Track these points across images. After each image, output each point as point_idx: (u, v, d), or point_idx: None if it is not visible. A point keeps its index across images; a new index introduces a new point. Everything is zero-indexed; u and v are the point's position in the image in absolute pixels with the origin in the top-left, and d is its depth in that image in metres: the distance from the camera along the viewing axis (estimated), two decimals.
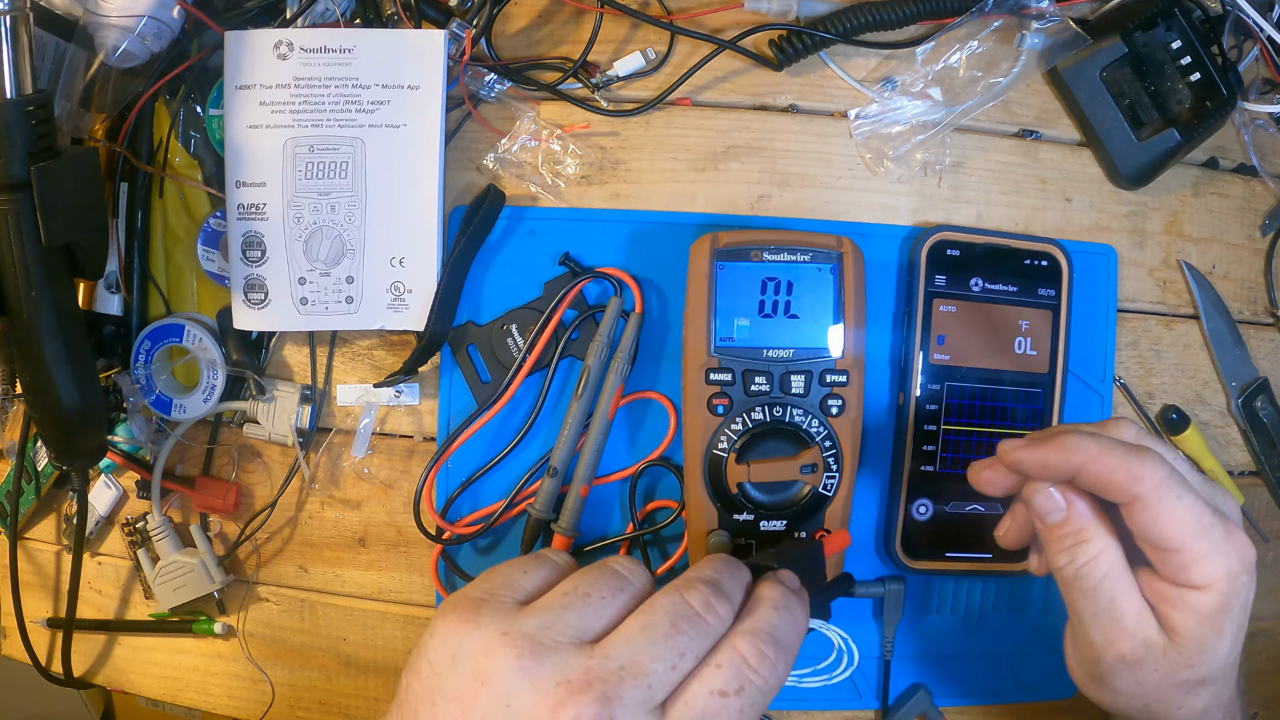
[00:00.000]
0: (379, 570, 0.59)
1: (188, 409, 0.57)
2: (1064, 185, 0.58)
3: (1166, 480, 0.38)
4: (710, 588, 0.36)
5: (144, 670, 0.63)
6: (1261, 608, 0.61)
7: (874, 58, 0.57)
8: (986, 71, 0.56)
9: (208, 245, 0.57)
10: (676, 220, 0.56)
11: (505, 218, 0.56)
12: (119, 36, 0.50)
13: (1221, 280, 0.60)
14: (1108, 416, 0.58)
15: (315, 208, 0.54)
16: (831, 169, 0.57)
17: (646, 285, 0.55)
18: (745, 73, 0.56)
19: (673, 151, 0.56)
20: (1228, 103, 0.55)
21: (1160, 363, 0.60)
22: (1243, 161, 0.60)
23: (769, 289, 0.51)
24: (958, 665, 0.58)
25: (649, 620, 0.35)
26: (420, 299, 0.55)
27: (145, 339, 0.56)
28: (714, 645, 0.35)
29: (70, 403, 0.50)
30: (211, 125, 0.55)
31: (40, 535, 0.64)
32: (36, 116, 0.46)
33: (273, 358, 0.59)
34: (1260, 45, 0.57)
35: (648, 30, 0.56)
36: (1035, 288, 0.55)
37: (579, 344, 0.55)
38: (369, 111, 0.53)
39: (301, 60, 0.53)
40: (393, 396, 0.57)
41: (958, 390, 0.55)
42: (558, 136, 0.56)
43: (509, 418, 0.56)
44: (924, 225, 0.56)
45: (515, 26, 0.57)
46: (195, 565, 0.59)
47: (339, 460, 0.59)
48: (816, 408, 0.51)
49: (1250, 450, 0.60)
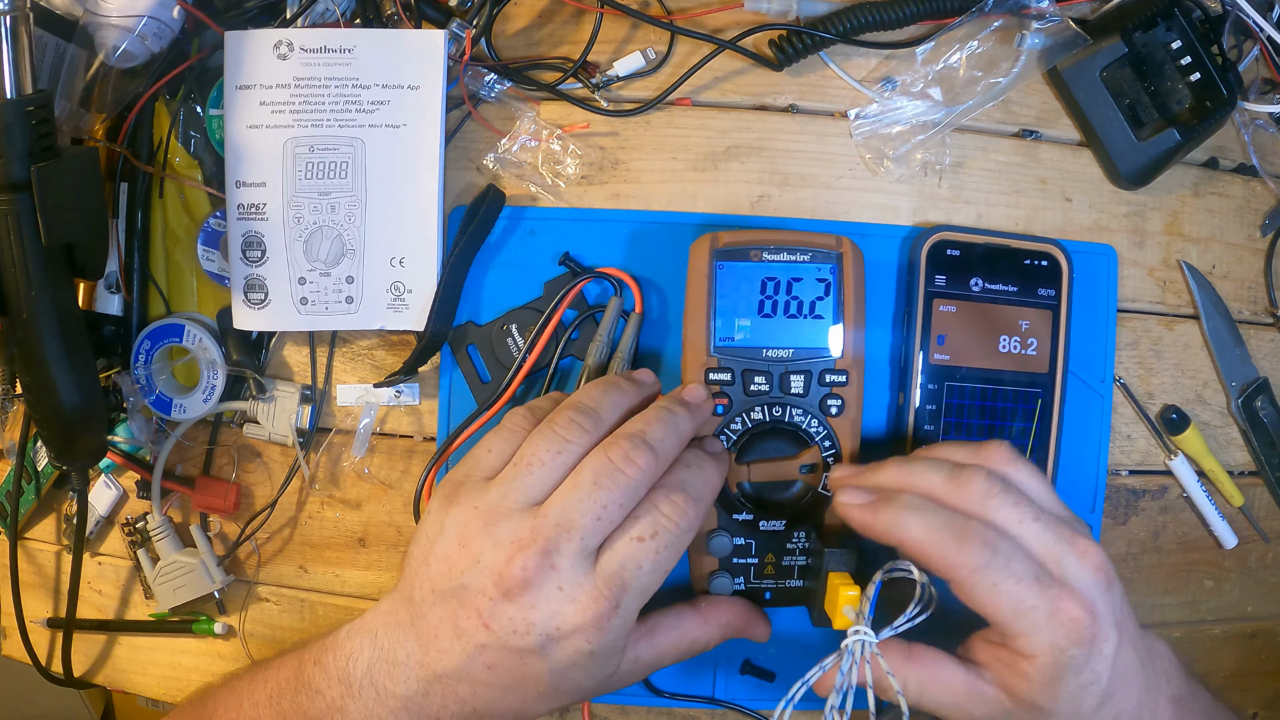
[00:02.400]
0: (379, 570, 0.59)
1: (188, 409, 0.57)
2: (1064, 185, 0.58)
3: (984, 567, 0.40)
4: (630, 442, 0.42)
5: (144, 670, 0.63)
6: (1261, 607, 0.61)
7: (874, 58, 0.57)
8: (986, 71, 0.56)
9: (208, 245, 0.57)
10: (676, 220, 0.56)
11: (505, 218, 0.56)
12: (119, 36, 0.50)
13: (1221, 280, 0.60)
14: (1108, 417, 0.58)
15: (315, 208, 0.54)
16: (831, 169, 0.57)
17: (646, 285, 0.55)
18: (745, 73, 0.56)
19: (673, 151, 0.56)
20: (1228, 103, 0.55)
21: (1160, 363, 0.60)
22: (1243, 161, 0.60)
23: (769, 289, 0.51)
24: None
25: (577, 480, 0.42)
26: (420, 299, 0.55)
27: (145, 339, 0.56)
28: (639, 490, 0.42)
29: (70, 403, 0.50)
30: (211, 125, 0.55)
31: (40, 535, 0.64)
32: (36, 116, 0.46)
33: (273, 358, 0.59)
34: (1260, 45, 0.57)
35: (648, 30, 0.56)
36: (1035, 288, 0.55)
37: (579, 344, 0.55)
38: (369, 111, 0.53)
39: (301, 60, 0.53)
40: (393, 396, 0.57)
41: (958, 390, 0.55)
42: (558, 136, 0.56)
43: None
44: (924, 225, 0.56)
45: (515, 26, 0.57)
46: (195, 565, 0.59)
47: (339, 460, 0.59)
48: (816, 408, 0.51)
49: (1250, 450, 0.60)
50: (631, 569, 0.41)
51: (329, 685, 0.44)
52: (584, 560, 0.41)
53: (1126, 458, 0.60)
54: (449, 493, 0.43)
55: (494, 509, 0.42)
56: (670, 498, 0.43)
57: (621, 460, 0.42)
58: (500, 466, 0.44)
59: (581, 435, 0.43)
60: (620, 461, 0.42)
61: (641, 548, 0.41)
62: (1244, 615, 0.61)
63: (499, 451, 0.44)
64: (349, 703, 0.43)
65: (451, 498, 0.43)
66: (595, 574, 0.41)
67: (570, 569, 0.40)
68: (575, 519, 0.40)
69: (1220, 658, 0.62)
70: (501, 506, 0.42)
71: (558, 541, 0.40)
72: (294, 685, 0.45)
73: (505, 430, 0.45)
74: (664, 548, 0.42)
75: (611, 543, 0.41)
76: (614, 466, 0.42)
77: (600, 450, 0.43)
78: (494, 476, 0.43)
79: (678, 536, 0.42)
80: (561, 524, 0.40)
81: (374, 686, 0.42)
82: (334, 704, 0.43)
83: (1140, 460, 0.60)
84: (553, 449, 0.43)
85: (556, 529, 0.40)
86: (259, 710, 0.46)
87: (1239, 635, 0.61)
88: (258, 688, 0.47)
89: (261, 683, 0.47)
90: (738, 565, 0.52)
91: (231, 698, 0.48)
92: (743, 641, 0.57)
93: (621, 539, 0.41)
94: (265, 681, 0.46)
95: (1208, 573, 0.61)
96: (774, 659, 0.57)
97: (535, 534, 0.40)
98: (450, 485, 0.44)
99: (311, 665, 0.45)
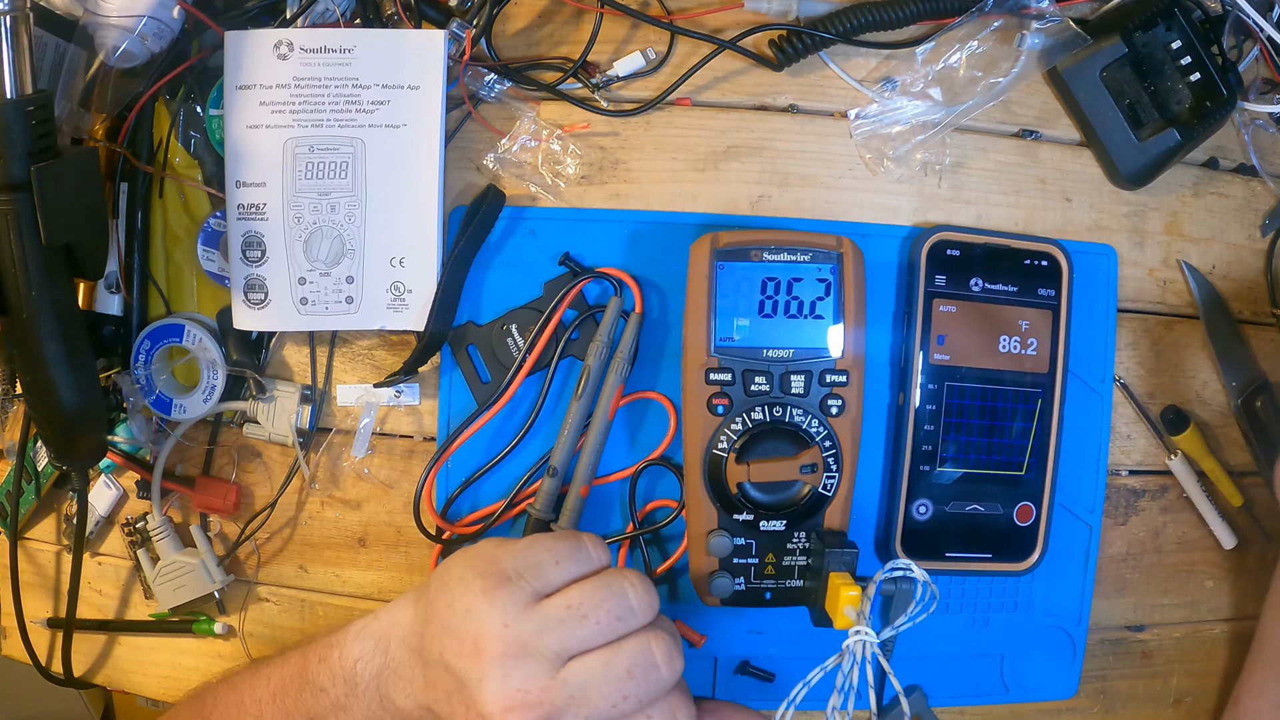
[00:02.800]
0: (379, 570, 0.59)
1: (188, 409, 0.57)
2: (1064, 185, 0.58)
3: None
4: (675, 641, 0.41)
5: (144, 670, 0.63)
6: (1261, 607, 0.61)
7: (874, 58, 0.57)
8: (986, 71, 0.56)
9: (208, 245, 0.56)
10: (676, 220, 0.56)
11: (505, 218, 0.56)
12: (119, 36, 0.50)
13: (1221, 280, 0.60)
14: (1108, 417, 0.58)
15: (315, 208, 0.54)
16: (831, 169, 0.57)
17: (646, 285, 0.55)
18: (745, 73, 0.56)
19: (673, 151, 0.56)
20: (1228, 103, 0.55)
21: (1160, 363, 0.60)
22: (1243, 161, 0.60)
23: (769, 289, 0.51)
24: (957, 665, 0.58)
25: (612, 660, 0.39)
26: (420, 299, 0.55)
27: (145, 339, 0.56)
28: (661, 694, 0.40)
29: (70, 403, 0.50)
30: (211, 125, 0.55)
31: (40, 535, 0.64)
32: (36, 116, 0.46)
33: (273, 358, 0.59)
34: (1260, 45, 0.57)
35: (648, 30, 0.56)
36: (1035, 288, 0.55)
37: (579, 344, 0.55)
38: (369, 111, 0.53)
39: (301, 60, 0.53)
40: (393, 396, 0.57)
41: (957, 390, 0.55)
42: (558, 136, 0.56)
43: (509, 418, 0.56)
44: (924, 225, 0.56)
45: (515, 26, 0.57)
46: (195, 565, 0.59)
47: (339, 460, 0.59)
48: (816, 408, 0.51)
49: (1250, 450, 0.60)
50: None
51: (333, 684, 0.44)
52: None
53: (1126, 458, 0.60)
54: (494, 582, 0.40)
55: (522, 644, 0.39)
56: (689, 708, 0.41)
57: (664, 659, 0.40)
58: (556, 587, 0.41)
59: (646, 613, 0.41)
60: (662, 659, 0.40)
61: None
62: (1244, 615, 0.61)
63: (564, 571, 0.41)
64: (352, 702, 0.43)
65: (491, 593, 0.40)
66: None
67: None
68: (593, 699, 0.38)
69: (1220, 658, 0.62)
70: (531, 645, 0.39)
71: (562, 714, 0.38)
72: (298, 683, 0.45)
73: (583, 550, 0.42)
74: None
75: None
76: (653, 663, 0.39)
77: (646, 638, 0.40)
78: (543, 598, 0.40)
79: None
80: (576, 698, 0.38)
81: (379, 692, 0.43)
82: (338, 702, 0.44)
83: (1140, 460, 0.60)
84: (613, 613, 0.40)
85: (569, 701, 0.38)
86: (261, 707, 0.46)
87: (1239, 635, 0.61)
88: (259, 684, 0.47)
89: (264, 679, 0.47)
90: (738, 565, 0.52)
91: (232, 694, 0.48)
92: (742, 642, 0.57)
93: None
94: (268, 678, 0.47)
95: (1208, 573, 0.61)
96: (774, 659, 0.57)
97: (544, 696, 0.38)
98: (498, 573, 0.40)
99: (316, 663, 0.45)
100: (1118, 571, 0.60)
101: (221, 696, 0.48)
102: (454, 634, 0.40)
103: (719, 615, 0.56)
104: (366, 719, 0.43)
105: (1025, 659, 0.59)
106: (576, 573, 0.41)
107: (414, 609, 0.44)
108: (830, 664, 0.43)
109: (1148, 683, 0.61)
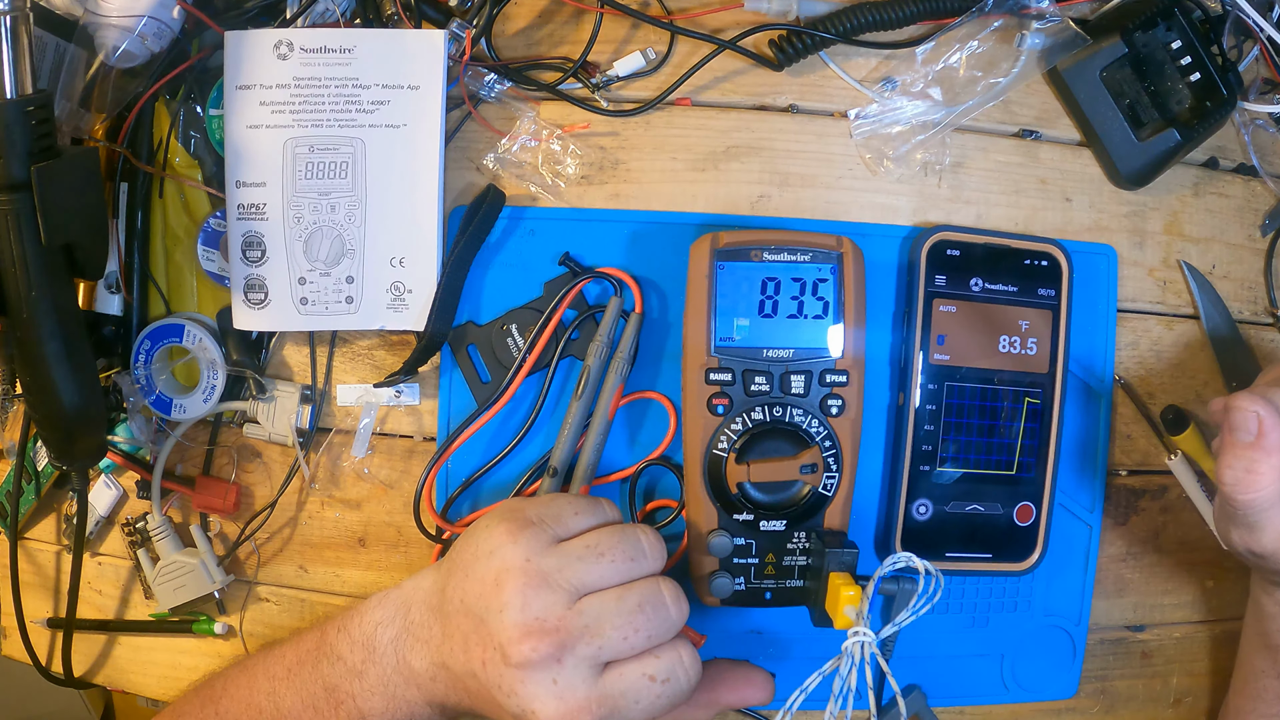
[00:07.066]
0: (379, 570, 0.59)
1: (188, 409, 0.57)
2: (1064, 185, 0.58)
3: None
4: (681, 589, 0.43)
5: (144, 670, 0.63)
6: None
7: (874, 58, 0.57)
8: (986, 71, 0.56)
9: (208, 245, 0.57)
10: (676, 220, 0.56)
11: (505, 218, 0.56)
12: (119, 36, 0.50)
13: (1221, 280, 0.60)
14: (1108, 417, 0.58)
15: (315, 208, 0.54)
16: (831, 169, 0.57)
17: (646, 285, 0.55)
18: (745, 73, 0.56)
19: (673, 151, 0.56)
20: (1228, 103, 0.55)
21: (1160, 363, 0.60)
22: (1243, 161, 0.60)
23: (769, 289, 0.51)
24: (957, 665, 0.58)
25: (625, 595, 0.42)
26: (420, 299, 0.55)
27: (145, 339, 0.56)
28: (668, 633, 0.42)
29: (70, 403, 0.50)
30: (211, 125, 0.55)
31: (40, 535, 0.64)
32: (36, 116, 0.46)
33: (273, 358, 0.59)
34: (1260, 45, 0.57)
35: (648, 30, 0.56)
36: (1035, 288, 0.55)
37: (579, 344, 0.55)
38: (369, 111, 0.53)
39: (301, 60, 0.53)
40: (393, 396, 0.57)
41: (957, 390, 0.55)
42: (558, 136, 0.56)
43: (509, 418, 0.56)
44: (924, 225, 0.56)
45: (515, 26, 0.57)
46: (195, 565, 0.59)
47: (339, 460, 0.59)
48: (816, 408, 0.51)
49: None
50: (629, 701, 0.41)
51: (351, 650, 0.45)
52: (590, 669, 0.41)
53: (1126, 458, 0.60)
54: (518, 525, 0.43)
55: (543, 576, 0.41)
56: (694, 654, 0.43)
57: (672, 599, 0.43)
58: (575, 533, 0.44)
59: (657, 560, 0.44)
60: (670, 599, 0.43)
61: (649, 687, 0.41)
62: (1244, 615, 0.61)
63: (583, 521, 0.45)
64: (369, 668, 0.45)
65: (515, 534, 0.43)
66: (594, 686, 0.41)
67: (573, 670, 0.40)
68: (605, 630, 0.41)
69: (1220, 658, 0.62)
70: (551, 579, 0.41)
71: (576, 641, 0.40)
72: (315, 655, 0.46)
73: (600, 506, 0.46)
74: (667, 695, 0.42)
75: (622, 665, 0.42)
76: (663, 601, 0.42)
77: (656, 580, 0.43)
78: (563, 540, 0.43)
79: (681, 692, 0.43)
80: (590, 627, 0.41)
81: (396, 655, 0.44)
82: (354, 668, 0.45)
83: (1140, 460, 0.60)
84: (628, 554, 0.43)
85: (583, 630, 0.41)
86: (275, 683, 0.47)
87: (1239, 635, 0.61)
88: (274, 662, 0.48)
89: (277, 657, 0.48)
90: (738, 565, 0.52)
91: (243, 675, 0.49)
92: (742, 641, 0.57)
93: (634, 667, 0.42)
94: (282, 656, 0.48)
95: (1208, 573, 0.61)
96: (774, 659, 0.57)
97: (560, 624, 0.40)
98: (521, 518, 0.43)
99: (335, 633, 0.46)
100: (1118, 571, 0.60)
101: (232, 679, 0.49)
102: (476, 577, 0.42)
103: (719, 615, 0.56)
104: (381, 683, 0.44)
105: (1025, 659, 0.59)
106: (593, 523, 0.45)
107: (436, 573, 0.46)
108: (828, 668, 0.43)
109: (1148, 683, 0.61)
